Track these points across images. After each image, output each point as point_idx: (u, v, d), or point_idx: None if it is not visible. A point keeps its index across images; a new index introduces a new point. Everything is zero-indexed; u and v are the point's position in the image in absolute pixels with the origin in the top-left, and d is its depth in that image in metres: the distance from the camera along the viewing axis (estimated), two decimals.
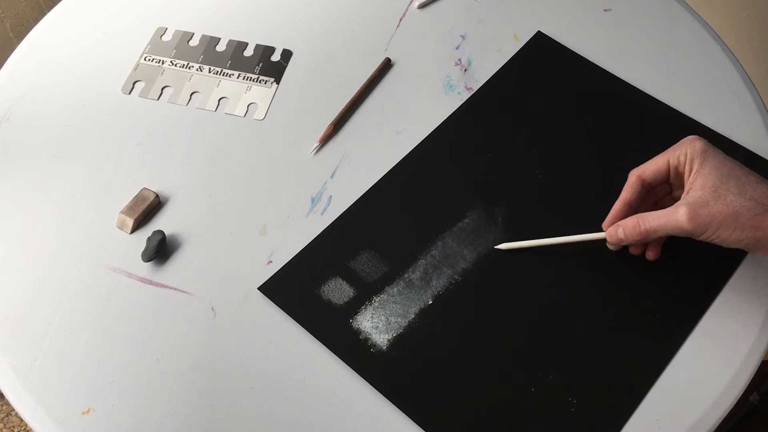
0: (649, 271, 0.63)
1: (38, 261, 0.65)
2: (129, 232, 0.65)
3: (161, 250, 0.64)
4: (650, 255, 0.63)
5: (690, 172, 0.58)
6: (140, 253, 0.64)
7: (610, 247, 0.63)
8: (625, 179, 0.63)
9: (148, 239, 0.64)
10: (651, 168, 0.60)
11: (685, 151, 0.58)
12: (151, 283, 0.63)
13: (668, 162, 0.59)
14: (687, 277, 0.63)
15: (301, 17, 0.82)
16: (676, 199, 0.60)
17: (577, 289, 0.62)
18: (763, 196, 0.54)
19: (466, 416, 0.57)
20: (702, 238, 0.56)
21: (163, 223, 0.66)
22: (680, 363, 0.59)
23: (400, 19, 0.81)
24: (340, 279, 0.63)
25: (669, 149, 0.60)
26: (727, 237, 0.55)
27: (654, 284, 0.62)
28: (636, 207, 0.61)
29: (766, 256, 0.57)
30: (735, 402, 0.58)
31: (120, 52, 0.78)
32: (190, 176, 0.70)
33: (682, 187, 0.59)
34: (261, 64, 0.77)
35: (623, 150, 0.70)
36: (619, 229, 0.60)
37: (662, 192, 0.63)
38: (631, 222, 0.59)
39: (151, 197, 0.66)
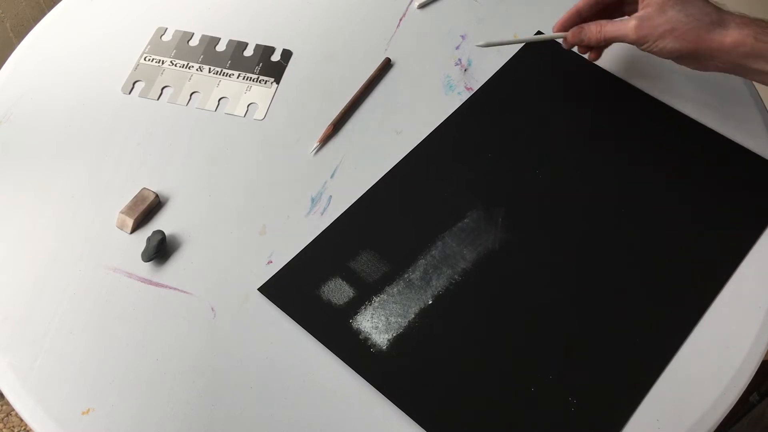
0: (649, 271, 0.63)
1: (38, 261, 0.65)
2: (129, 232, 0.65)
3: (161, 250, 0.64)
4: (592, 56, 0.71)
5: None
6: (140, 253, 0.64)
7: (564, 44, 0.71)
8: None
9: (148, 239, 0.64)
10: None
11: None
12: (151, 283, 0.63)
13: None
14: (687, 277, 0.63)
15: (301, 17, 0.82)
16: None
17: (577, 289, 0.62)
18: (701, 13, 0.61)
19: (466, 416, 0.57)
20: (645, 47, 0.64)
21: (163, 223, 0.67)
22: (680, 363, 0.59)
23: (400, 19, 0.81)
24: (340, 279, 0.63)
25: None
26: (663, 47, 0.63)
27: (654, 284, 0.62)
28: (585, 18, 0.69)
29: (698, 70, 0.65)
30: (735, 402, 0.58)
31: (120, 52, 0.78)
32: (190, 176, 0.70)
33: (633, 3, 0.66)
34: (261, 64, 0.77)
35: (623, 150, 0.70)
36: (582, 31, 0.68)
37: (612, 7, 0.70)
38: (594, 27, 0.67)
39: (151, 197, 0.66)
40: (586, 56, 0.72)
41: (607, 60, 0.76)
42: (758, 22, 0.61)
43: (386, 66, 0.77)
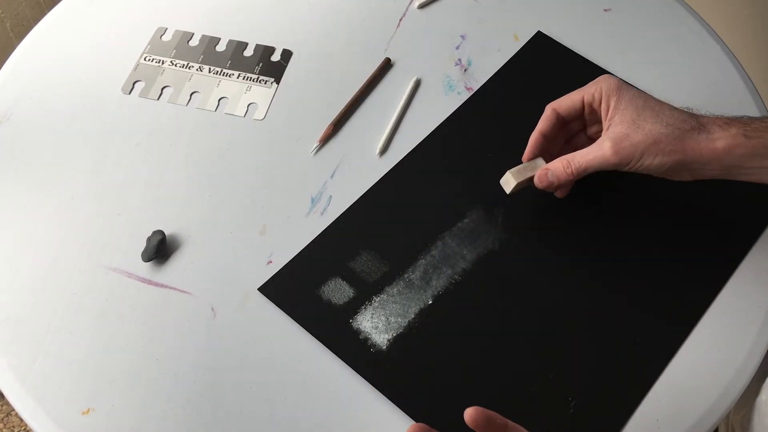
0: (649, 271, 0.63)
1: (38, 261, 0.65)
2: (507, 192, 0.64)
3: (161, 250, 0.64)
4: (559, 194, 0.65)
5: (607, 109, 0.59)
6: (140, 253, 0.64)
7: (537, 185, 0.62)
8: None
9: (148, 239, 0.64)
10: (566, 103, 0.62)
11: (599, 88, 0.60)
12: (151, 283, 0.63)
13: (583, 98, 0.61)
14: (686, 277, 0.63)
15: (301, 17, 0.81)
16: (590, 136, 0.65)
17: (577, 288, 0.62)
18: (678, 120, 0.57)
19: None
20: (628, 168, 0.58)
21: (163, 223, 0.66)
22: (680, 363, 0.59)
23: (400, 19, 0.81)
24: (340, 279, 0.63)
25: (584, 87, 0.62)
26: (650, 164, 0.57)
27: (653, 285, 0.62)
28: (551, 139, 0.63)
29: (688, 180, 0.59)
30: (735, 402, 0.58)
31: (120, 52, 0.78)
32: (190, 176, 0.70)
33: (596, 123, 0.62)
34: (261, 64, 0.77)
35: None
36: (548, 172, 0.61)
37: (576, 128, 0.65)
38: (560, 164, 0.60)
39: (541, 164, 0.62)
40: (557, 194, 0.66)
41: (607, 60, 0.76)
42: (739, 119, 0.57)
43: (386, 66, 0.77)
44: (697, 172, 0.58)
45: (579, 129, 0.65)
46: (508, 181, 0.63)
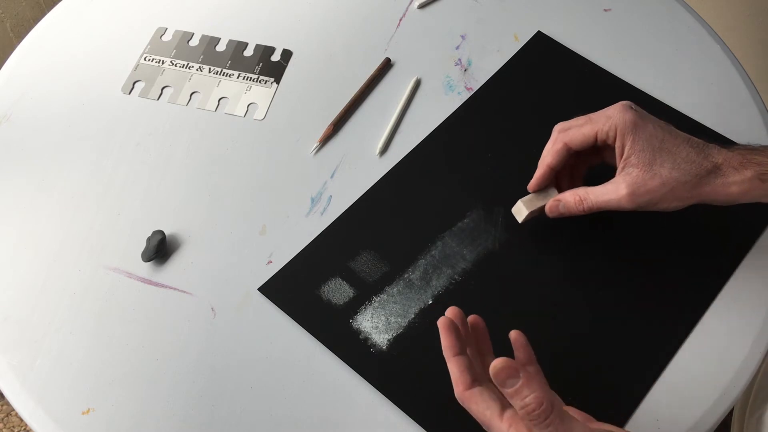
0: (649, 271, 0.63)
1: (38, 261, 0.65)
2: (519, 221, 0.63)
3: (161, 250, 0.64)
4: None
5: (622, 147, 0.58)
6: (140, 253, 0.64)
7: (548, 214, 0.62)
8: None
9: (148, 239, 0.64)
10: (578, 138, 0.60)
11: (614, 125, 0.58)
12: (151, 283, 0.63)
13: (596, 134, 0.59)
14: (686, 277, 0.63)
15: (301, 17, 0.82)
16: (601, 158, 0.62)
17: (577, 289, 0.62)
18: (695, 164, 0.56)
19: (467, 415, 0.57)
20: (641, 210, 0.58)
21: (163, 223, 0.66)
22: (680, 363, 0.59)
23: (400, 19, 0.81)
24: (340, 279, 0.63)
25: (597, 116, 0.59)
26: (665, 208, 0.58)
27: (653, 285, 0.62)
28: (560, 170, 0.62)
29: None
30: (735, 403, 0.58)
31: (120, 52, 0.78)
32: (190, 176, 0.70)
33: (609, 150, 0.60)
34: (261, 64, 0.77)
35: None
36: (560, 204, 0.61)
37: (585, 155, 0.63)
38: (572, 198, 0.60)
39: (553, 194, 0.62)
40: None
41: (607, 60, 0.76)
42: (753, 158, 0.56)
43: (386, 66, 0.77)
44: (713, 203, 0.59)
45: (588, 154, 0.63)
46: (520, 210, 0.62)
